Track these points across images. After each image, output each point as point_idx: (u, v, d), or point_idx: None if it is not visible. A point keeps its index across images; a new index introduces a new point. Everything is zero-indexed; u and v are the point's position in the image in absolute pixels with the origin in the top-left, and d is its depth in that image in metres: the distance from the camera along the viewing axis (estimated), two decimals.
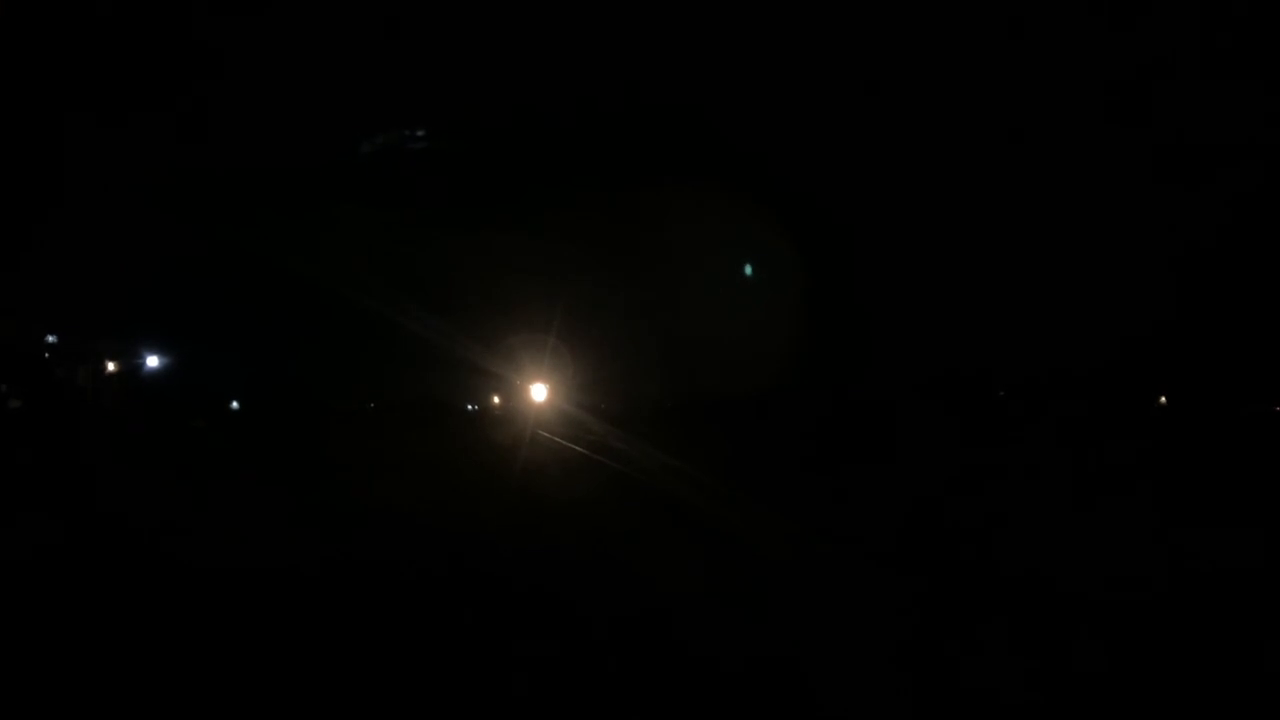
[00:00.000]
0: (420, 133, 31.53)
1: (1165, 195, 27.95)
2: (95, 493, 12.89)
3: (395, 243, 33.26)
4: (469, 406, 59.70)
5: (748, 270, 30.45)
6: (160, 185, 30.92)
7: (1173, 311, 28.78)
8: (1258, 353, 28.39)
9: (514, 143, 32.24)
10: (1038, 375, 32.30)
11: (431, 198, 32.46)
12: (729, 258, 31.08)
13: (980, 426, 24.87)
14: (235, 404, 47.12)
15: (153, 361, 36.75)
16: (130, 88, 26.90)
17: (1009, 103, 28.83)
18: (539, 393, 36.90)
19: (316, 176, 30.64)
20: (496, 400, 60.68)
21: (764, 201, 30.75)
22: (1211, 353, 29.24)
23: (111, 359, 34.50)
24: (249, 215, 33.07)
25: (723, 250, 30.53)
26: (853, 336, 33.75)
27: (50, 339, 30.77)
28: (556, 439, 24.69)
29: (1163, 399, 34.01)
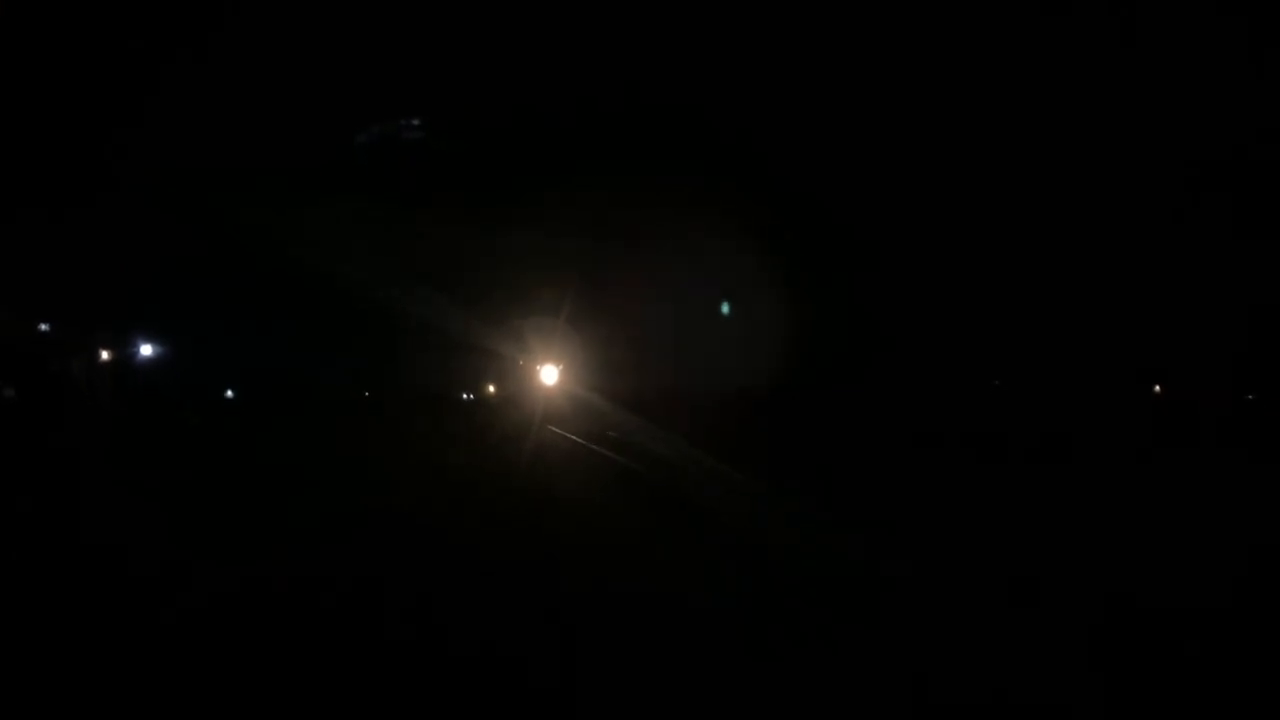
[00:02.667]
0: (415, 122, 31.29)
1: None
2: (80, 486, 12.82)
3: (391, 231, 32.97)
4: (464, 396, 58.38)
5: (752, 267, 30.15)
6: (154, 174, 30.55)
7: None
8: None
9: (514, 137, 31.84)
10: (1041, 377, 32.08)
11: (427, 186, 32.11)
12: (736, 254, 30.60)
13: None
14: (229, 393, 46.79)
15: (146, 350, 36.45)
16: (123, 79, 26.53)
17: (1009, 102, 28.70)
18: (549, 375, 32.62)
19: (312, 167, 30.33)
20: (492, 390, 58.56)
21: (776, 195, 30.62)
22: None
23: (105, 348, 34.19)
24: (244, 205, 32.77)
25: (730, 246, 30.00)
26: (860, 334, 33.38)
27: (43, 328, 30.48)
28: (574, 438, 21.13)
29: (1157, 387, 34.13)
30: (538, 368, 34.12)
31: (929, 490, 11.49)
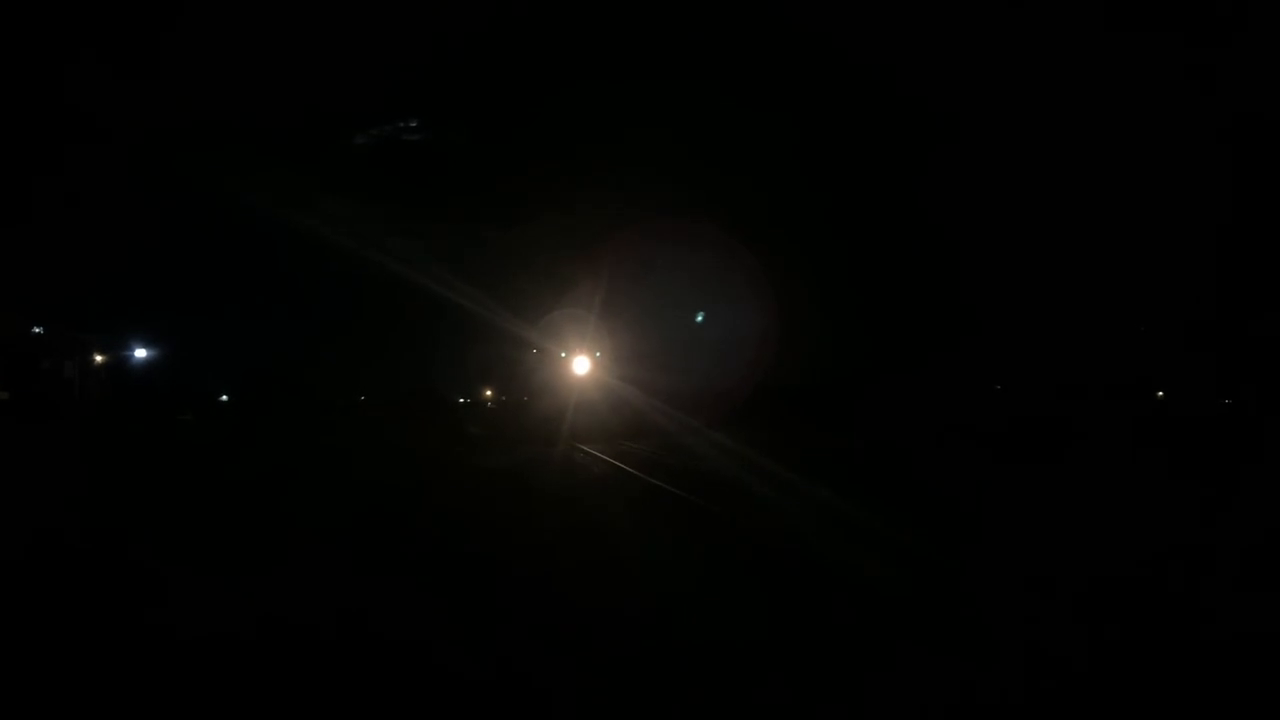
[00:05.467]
0: (413, 123, 31.11)
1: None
2: (61, 489, 12.64)
3: (389, 232, 32.71)
4: (460, 399, 56.94)
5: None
6: (150, 176, 30.37)
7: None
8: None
9: (534, 129, 31.48)
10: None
11: (427, 185, 31.93)
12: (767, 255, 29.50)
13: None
14: (224, 397, 46.57)
15: (141, 353, 36.20)
16: (122, 75, 26.37)
17: (1006, 99, 28.67)
18: (575, 374, 25.40)
19: (310, 164, 30.15)
20: (489, 393, 55.76)
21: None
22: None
23: (99, 351, 33.92)
24: (241, 207, 32.63)
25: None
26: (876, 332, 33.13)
27: (37, 330, 30.22)
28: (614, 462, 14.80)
29: (1160, 394, 34.17)
30: (560, 366, 27.22)
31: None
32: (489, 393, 56.40)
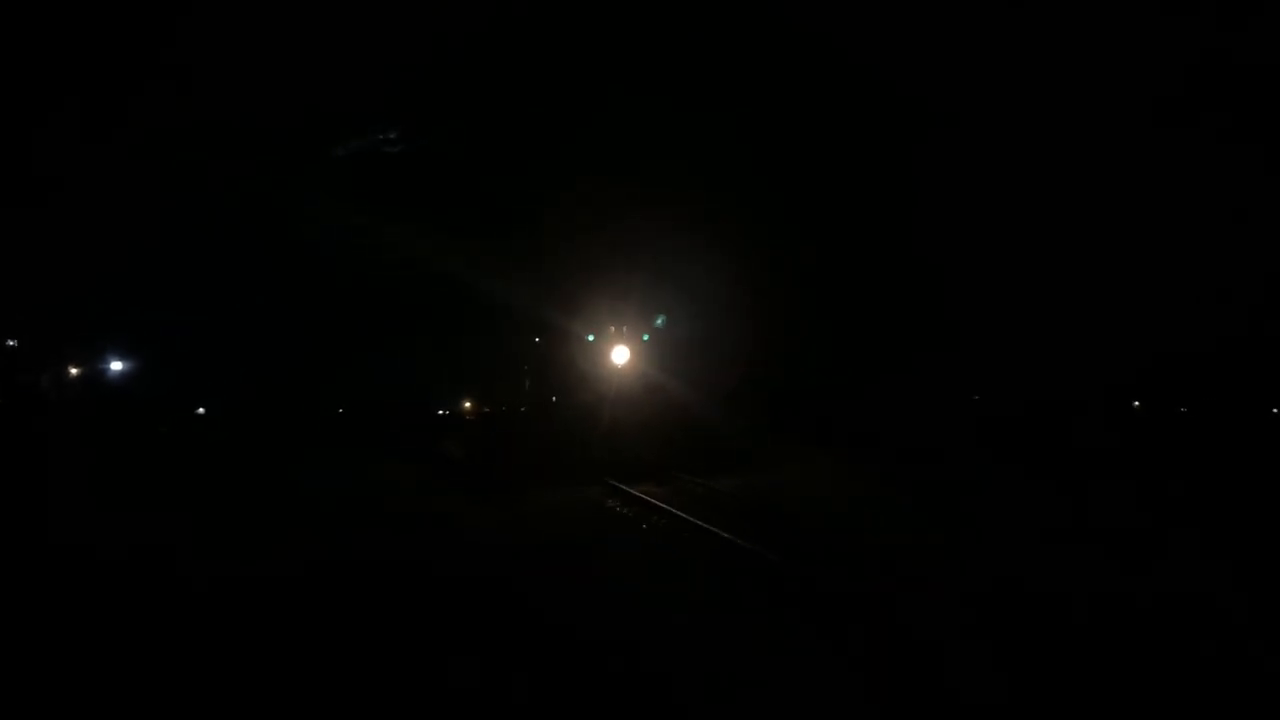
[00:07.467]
0: (393, 135, 30.78)
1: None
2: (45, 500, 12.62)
3: (378, 236, 32.13)
4: (439, 412, 54.77)
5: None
6: (125, 179, 29.70)
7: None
8: None
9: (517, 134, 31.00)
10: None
11: (422, 189, 31.42)
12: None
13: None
14: (201, 410, 45.42)
15: (117, 365, 35.32)
16: (102, 83, 25.83)
17: (1006, 97, 29.20)
18: (620, 355, 19.43)
19: (294, 168, 29.65)
20: (469, 405, 53.42)
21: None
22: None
23: (74, 364, 33.08)
24: (221, 212, 32.04)
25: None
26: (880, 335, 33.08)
27: (11, 343, 29.42)
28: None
29: (1136, 403, 34.90)
30: (580, 357, 21.12)
31: None
32: (468, 404, 54.21)
